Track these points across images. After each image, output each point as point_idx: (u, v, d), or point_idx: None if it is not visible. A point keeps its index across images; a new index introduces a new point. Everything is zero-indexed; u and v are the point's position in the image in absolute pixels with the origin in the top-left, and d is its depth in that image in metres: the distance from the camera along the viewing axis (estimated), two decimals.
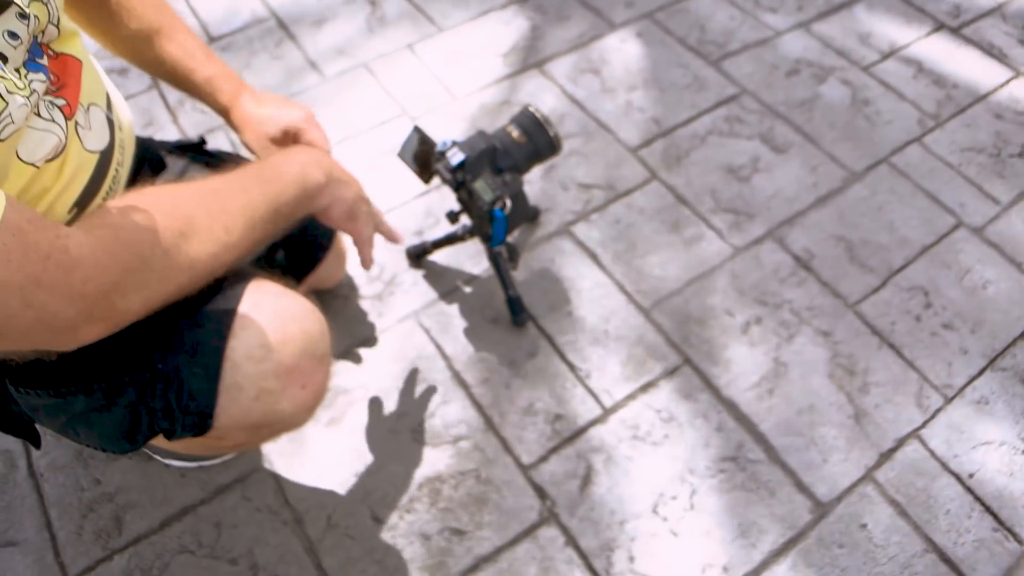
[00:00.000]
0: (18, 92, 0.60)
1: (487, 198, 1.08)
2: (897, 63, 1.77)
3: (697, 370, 1.25)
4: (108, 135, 0.79)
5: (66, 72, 0.72)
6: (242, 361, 0.76)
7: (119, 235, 0.62)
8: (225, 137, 1.60)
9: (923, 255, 1.41)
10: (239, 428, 0.80)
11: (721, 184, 1.50)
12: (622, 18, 1.85)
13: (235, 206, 0.72)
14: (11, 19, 0.61)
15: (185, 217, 0.67)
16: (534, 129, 1.12)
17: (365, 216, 0.91)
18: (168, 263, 0.65)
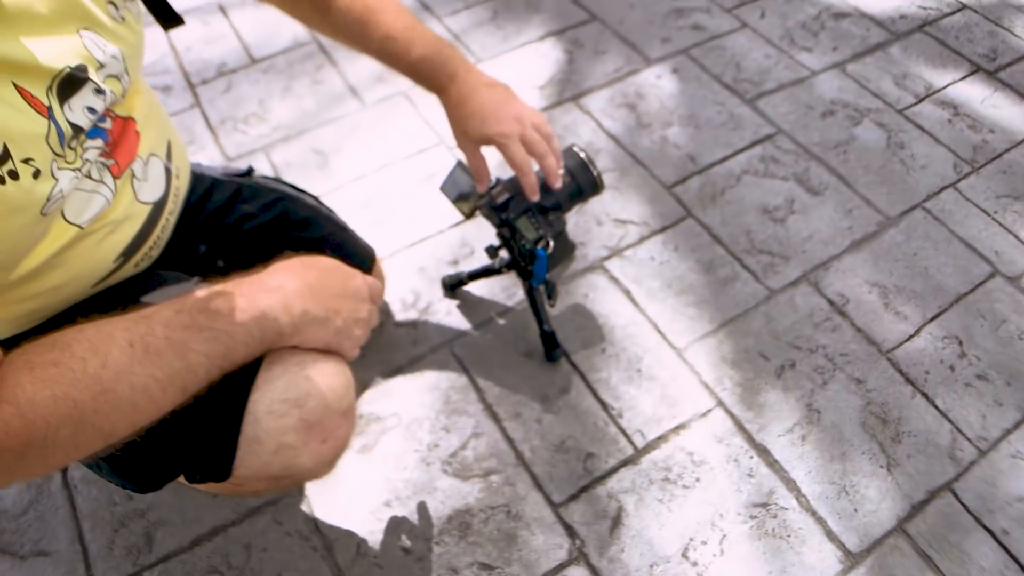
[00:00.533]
0: (68, 167, 0.61)
1: (530, 237, 1.09)
2: (933, 106, 1.77)
3: (730, 413, 1.25)
4: (164, 185, 0.80)
5: (123, 134, 0.73)
6: (263, 415, 0.74)
7: (25, 416, 0.56)
8: (266, 161, 1.62)
9: (958, 303, 1.41)
10: (258, 479, 0.79)
11: (756, 224, 1.51)
12: (658, 54, 1.87)
13: (169, 372, 0.64)
14: (88, 95, 0.62)
15: (107, 390, 0.61)
16: (578, 169, 1.12)
17: (350, 342, 0.82)
18: (80, 439, 0.61)
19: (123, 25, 0.69)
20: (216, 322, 0.68)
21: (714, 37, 1.92)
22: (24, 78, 0.56)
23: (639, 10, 1.99)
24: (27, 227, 0.60)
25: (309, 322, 0.75)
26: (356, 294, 0.81)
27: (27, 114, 0.56)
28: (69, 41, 0.61)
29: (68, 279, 0.74)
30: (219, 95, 1.77)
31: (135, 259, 0.81)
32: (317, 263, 0.80)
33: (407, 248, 1.46)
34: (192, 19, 1.95)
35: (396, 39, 0.96)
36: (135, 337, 0.63)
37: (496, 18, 1.96)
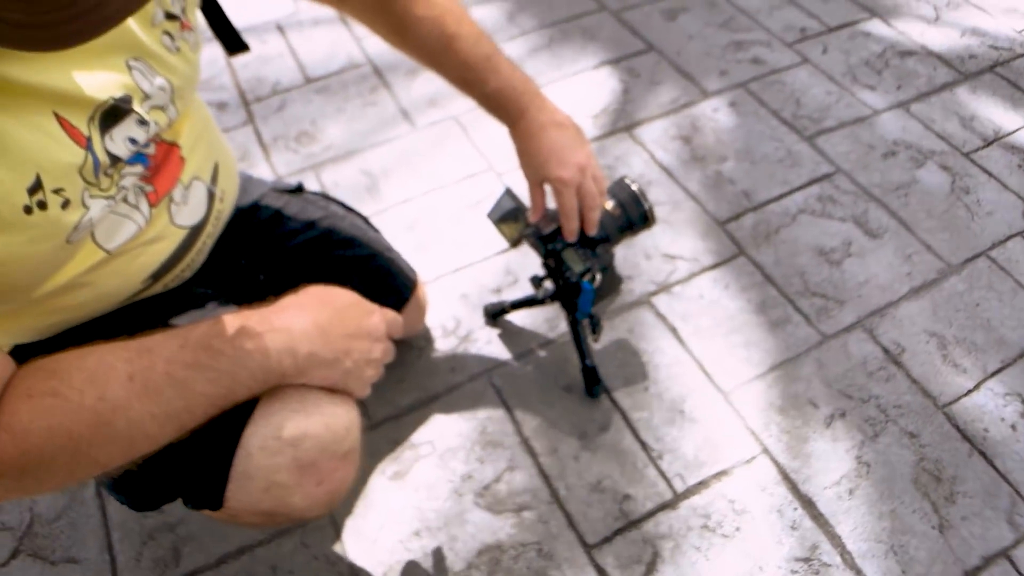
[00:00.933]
0: (101, 195, 0.61)
1: (577, 269, 1.07)
2: (1001, 150, 1.71)
3: (775, 462, 1.20)
4: (205, 209, 0.80)
5: (166, 160, 0.73)
6: (256, 451, 0.72)
7: (20, 444, 0.56)
8: (315, 180, 1.62)
9: (1022, 359, 1.34)
10: (250, 513, 0.77)
11: (811, 266, 1.46)
12: (716, 86, 1.84)
13: (167, 410, 0.63)
14: (131, 126, 0.62)
15: (103, 423, 0.60)
16: (629, 201, 1.10)
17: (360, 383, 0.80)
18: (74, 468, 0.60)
19: (177, 55, 0.69)
20: (219, 362, 0.66)
21: (774, 71, 1.88)
22: (66, 108, 0.56)
23: (697, 41, 1.96)
24: (52, 253, 0.59)
25: (315, 364, 0.73)
26: (371, 333, 0.79)
27: (64, 144, 0.56)
28: (116, 71, 0.61)
29: (94, 297, 0.73)
30: (272, 113, 1.78)
31: (165, 280, 0.81)
32: (332, 300, 0.78)
33: (451, 274, 1.45)
34: (250, 37, 1.98)
35: (472, 68, 0.97)
36: (136, 371, 0.62)
37: (552, 45, 1.95)
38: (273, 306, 0.74)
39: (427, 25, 0.94)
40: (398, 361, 1.32)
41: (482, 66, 0.97)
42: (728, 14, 2.05)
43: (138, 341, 0.64)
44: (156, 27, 0.66)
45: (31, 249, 0.56)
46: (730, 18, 2.04)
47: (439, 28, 0.94)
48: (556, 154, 0.98)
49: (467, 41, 0.96)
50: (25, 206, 0.53)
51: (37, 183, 0.54)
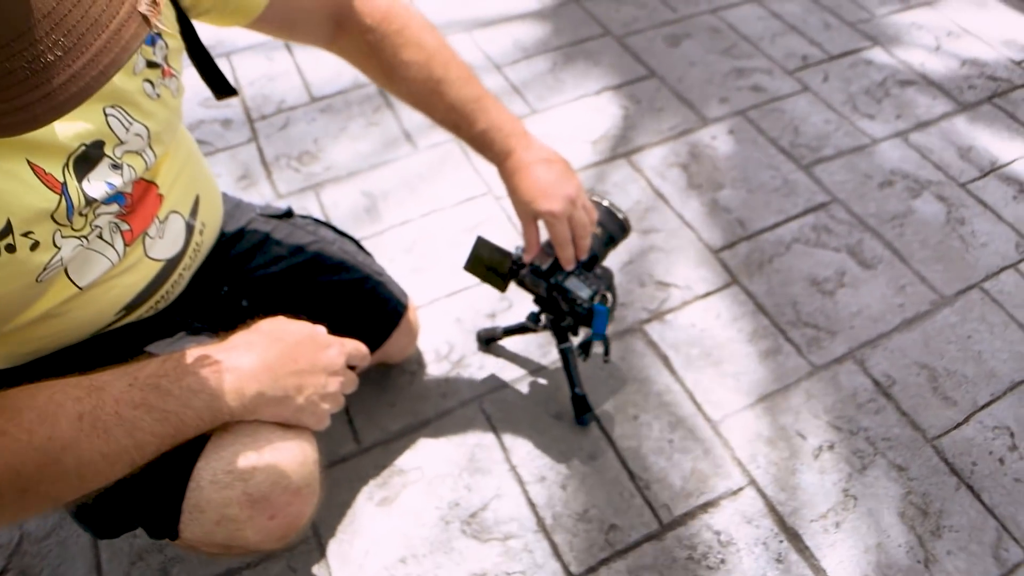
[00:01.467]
0: (74, 235, 0.62)
1: (585, 295, 1.08)
2: (998, 181, 1.72)
3: (762, 493, 1.20)
4: (183, 243, 0.81)
5: (143, 199, 0.74)
6: (206, 485, 0.73)
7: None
8: (315, 200, 1.64)
9: (1012, 392, 1.34)
10: (205, 545, 0.77)
11: (803, 296, 1.47)
12: (715, 114, 1.85)
13: (116, 448, 0.64)
14: (105, 170, 0.63)
15: (52, 462, 0.61)
16: (606, 218, 1.13)
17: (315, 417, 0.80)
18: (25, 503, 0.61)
19: (157, 102, 0.71)
20: (166, 403, 0.67)
21: (774, 99, 1.89)
22: (38, 156, 0.58)
23: (699, 68, 1.98)
24: (21, 292, 0.61)
25: (264, 403, 0.74)
26: (327, 367, 0.80)
27: (37, 190, 0.58)
28: (91, 119, 0.63)
29: (66, 328, 0.75)
30: (276, 131, 1.80)
31: (139, 311, 0.82)
32: (284, 335, 0.78)
33: (445, 297, 1.46)
34: (257, 54, 2.01)
35: (460, 111, 0.99)
36: (85, 410, 0.63)
37: (555, 69, 1.97)
38: (223, 344, 0.75)
39: (415, 69, 0.96)
40: (389, 385, 1.33)
41: (470, 108, 0.98)
42: (730, 41, 2.07)
43: (89, 378, 0.65)
44: (137, 75, 0.68)
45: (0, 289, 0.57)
46: (732, 45, 2.06)
47: (427, 72, 0.96)
48: (545, 189, 1.00)
49: (455, 84, 0.97)
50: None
51: (7, 228, 0.56)
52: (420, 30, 0.98)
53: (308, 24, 0.94)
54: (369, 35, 0.95)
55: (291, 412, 0.76)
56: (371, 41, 0.96)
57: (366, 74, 1.02)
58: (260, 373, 0.73)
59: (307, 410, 0.77)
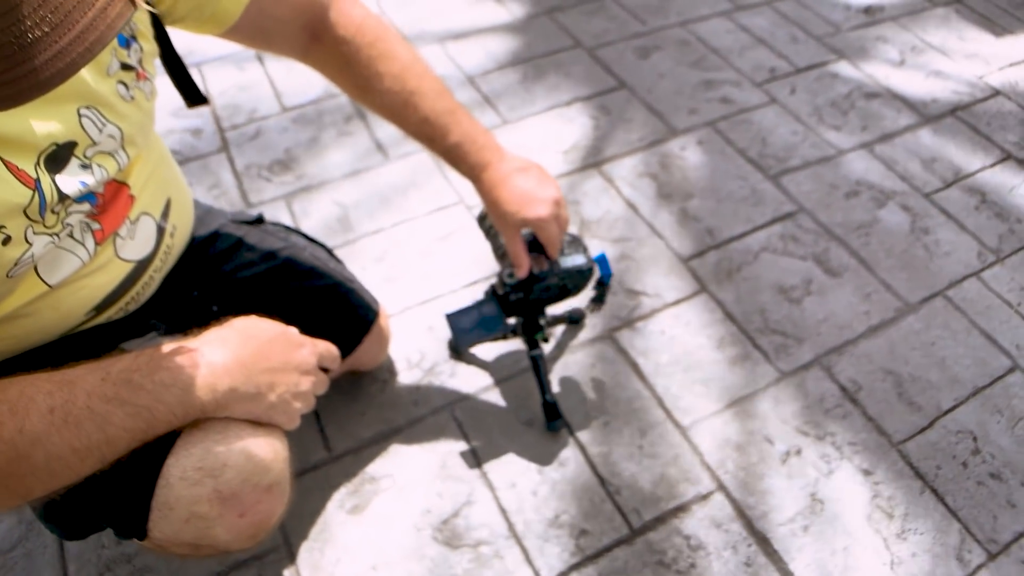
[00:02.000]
0: (45, 232, 0.63)
1: (582, 260, 1.11)
2: (960, 192, 1.75)
3: (731, 498, 1.21)
4: (153, 244, 0.81)
5: (114, 199, 0.74)
6: (175, 481, 0.72)
7: None
8: (286, 209, 1.64)
9: (974, 397, 1.37)
10: (174, 544, 0.77)
11: (771, 304, 1.49)
12: (684, 124, 1.87)
13: (87, 443, 0.64)
14: (75, 170, 0.64)
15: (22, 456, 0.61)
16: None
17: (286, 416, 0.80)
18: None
19: (131, 104, 0.71)
20: (139, 397, 0.67)
21: (742, 111, 1.92)
22: (9, 152, 0.58)
23: (669, 80, 2.00)
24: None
25: (236, 399, 0.74)
26: (299, 366, 0.80)
27: (10, 184, 0.58)
28: (64, 118, 0.63)
29: (35, 328, 0.74)
30: (247, 141, 1.80)
31: (109, 312, 0.82)
32: (258, 333, 0.78)
33: (417, 306, 1.47)
34: (228, 64, 2.00)
35: (433, 123, 0.98)
36: (56, 403, 0.63)
37: (525, 81, 1.99)
38: (196, 339, 0.75)
39: (389, 81, 0.96)
40: (360, 393, 1.33)
41: (443, 121, 0.98)
42: (700, 53, 2.10)
43: (61, 373, 0.65)
44: (111, 77, 0.68)
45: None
46: (701, 57, 2.09)
47: (401, 83, 0.96)
48: (528, 196, 1.00)
49: (428, 97, 0.98)
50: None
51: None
52: (394, 42, 0.98)
53: (282, 34, 0.94)
54: (343, 46, 0.96)
55: (263, 409, 0.76)
56: (345, 52, 0.96)
57: (339, 86, 1.02)
58: (233, 369, 0.73)
59: (279, 408, 0.77)
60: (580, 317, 1.37)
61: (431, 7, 2.23)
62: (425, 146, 1.03)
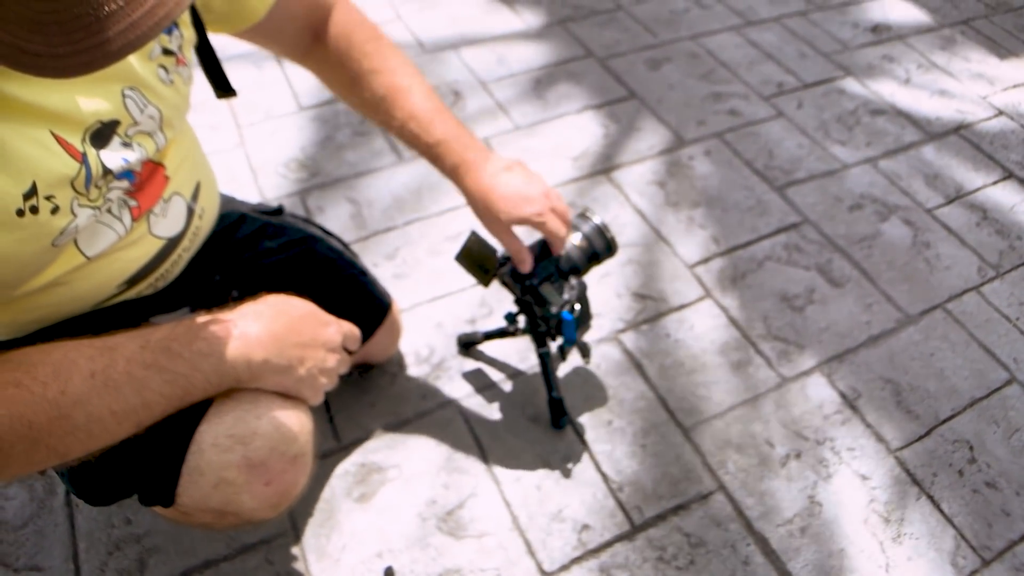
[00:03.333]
0: (89, 205, 0.66)
1: (556, 302, 1.11)
2: (961, 208, 1.78)
3: (731, 498, 1.24)
4: (183, 223, 0.84)
5: (151, 180, 0.78)
6: (207, 447, 0.75)
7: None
8: (301, 205, 1.67)
9: (971, 408, 1.39)
10: (201, 510, 0.79)
11: (774, 311, 1.52)
12: (693, 135, 1.90)
13: (125, 407, 0.67)
14: (117, 148, 0.67)
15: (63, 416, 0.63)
16: (593, 234, 1.15)
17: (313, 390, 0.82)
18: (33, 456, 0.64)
19: (170, 87, 0.74)
20: (176, 365, 0.70)
21: (750, 123, 1.95)
22: (59, 126, 0.61)
23: (678, 91, 2.04)
24: (37, 254, 0.64)
25: (269, 370, 0.76)
26: (326, 343, 0.82)
27: (60, 157, 0.61)
28: (109, 98, 0.66)
29: (70, 298, 0.77)
30: (264, 137, 1.83)
31: (139, 287, 0.85)
32: (290, 309, 0.81)
33: (427, 303, 1.49)
34: (246, 63, 2.04)
35: (419, 119, 1.00)
36: (98, 368, 0.65)
37: (538, 88, 2.02)
38: (232, 312, 0.77)
39: (380, 77, 0.99)
40: (370, 386, 1.35)
41: (429, 117, 1.00)
42: (709, 66, 2.13)
43: (102, 339, 0.68)
44: (153, 60, 0.72)
45: (18, 249, 0.60)
46: (711, 70, 2.12)
47: (391, 79, 0.99)
48: (519, 194, 1.02)
49: (416, 94, 1.00)
50: (18, 209, 0.59)
51: (32, 189, 0.59)
52: (386, 44, 1.01)
53: (292, 33, 0.97)
54: (341, 42, 0.98)
55: (292, 382, 0.79)
56: (342, 48, 0.98)
57: (331, 84, 1.04)
58: (267, 341, 0.76)
59: (306, 382, 0.80)
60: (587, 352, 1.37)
61: (447, 14, 2.27)
62: (410, 144, 1.03)
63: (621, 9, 2.34)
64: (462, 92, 1.99)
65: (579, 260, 1.15)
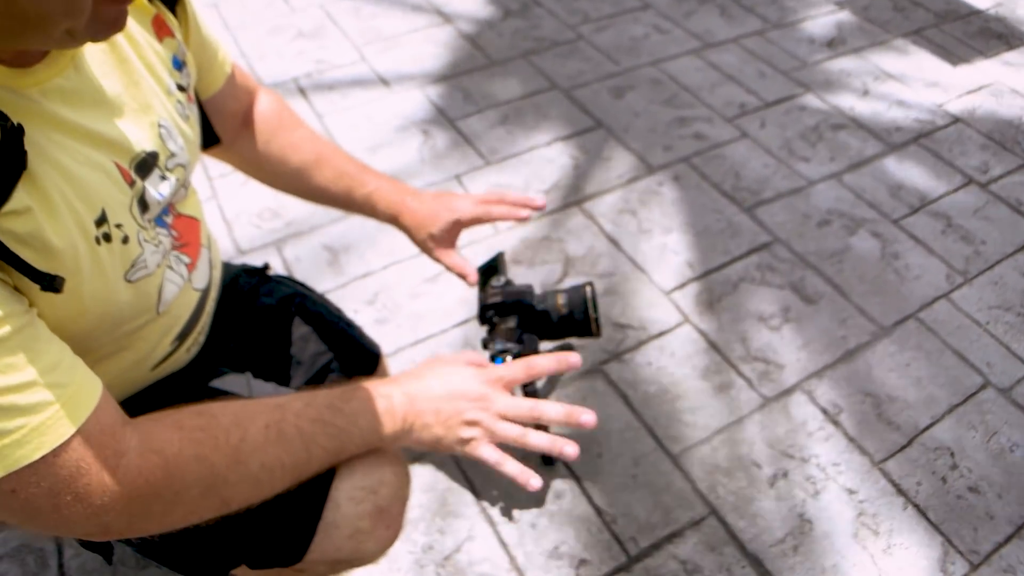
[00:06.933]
0: (150, 242, 0.68)
1: (496, 346, 1.06)
2: (927, 217, 1.83)
3: (723, 522, 1.26)
4: (208, 275, 0.86)
5: (188, 232, 0.80)
6: (344, 501, 0.79)
7: (168, 467, 0.62)
8: (277, 255, 1.68)
9: (949, 414, 1.43)
10: (323, 563, 0.83)
11: (752, 332, 1.54)
12: (660, 161, 1.94)
13: (294, 459, 0.70)
14: (156, 180, 0.70)
15: (240, 462, 0.66)
16: (577, 303, 1.11)
17: (465, 443, 0.80)
18: (201, 503, 0.66)
19: (187, 123, 0.77)
20: (338, 420, 0.74)
21: (715, 146, 1.99)
22: (118, 154, 0.64)
23: (643, 118, 2.07)
24: (113, 289, 0.65)
25: (416, 430, 0.79)
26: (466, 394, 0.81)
27: (120, 185, 0.64)
28: (148, 130, 0.69)
29: (133, 362, 0.78)
30: (236, 188, 1.84)
31: (187, 344, 0.86)
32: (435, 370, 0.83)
33: (410, 346, 1.51)
34: None
35: (351, 175, 1.04)
36: (271, 421, 0.69)
37: (506, 122, 2.05)
38: (385, 379, 0.81)
39: (307, 144, 1.03)
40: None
41: (358, 172, 1.05)
42: (671, 91, 2.18)
43: (269, 398, 0.72)
44: (172, 96, 0.75)
45: (95, 286, 0.61)
46: (673, 95, 2.16)
47: (317, 145, 1.04)
48: (448, 199, 1.06)
49: (341, 156, 1.05)
50: (95, 236, 0.60)
51: (103, 216, 0.61)
52: (299, 119, 1.07)
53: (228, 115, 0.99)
54: (265, 124, 1.03)
55: (434, 439, 0.80)
56: (267, 130, 1.03)
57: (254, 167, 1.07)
58: (408, 406, 0.78)
59: (447, 438, 0.80)
60: None
61: (410, 53, 2.30)
62: (342, 200, 1.06)
63: (582, 39, 2.38)
64: (429, 130, 2.01)
65: (552, 324, 1.12)
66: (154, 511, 0.63)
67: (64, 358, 0.57)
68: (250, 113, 1.02)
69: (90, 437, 0.56)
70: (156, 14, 0.75)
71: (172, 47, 0.77)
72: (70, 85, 0.60)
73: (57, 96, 0.58)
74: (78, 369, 0.58)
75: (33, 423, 0.52)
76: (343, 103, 2.10)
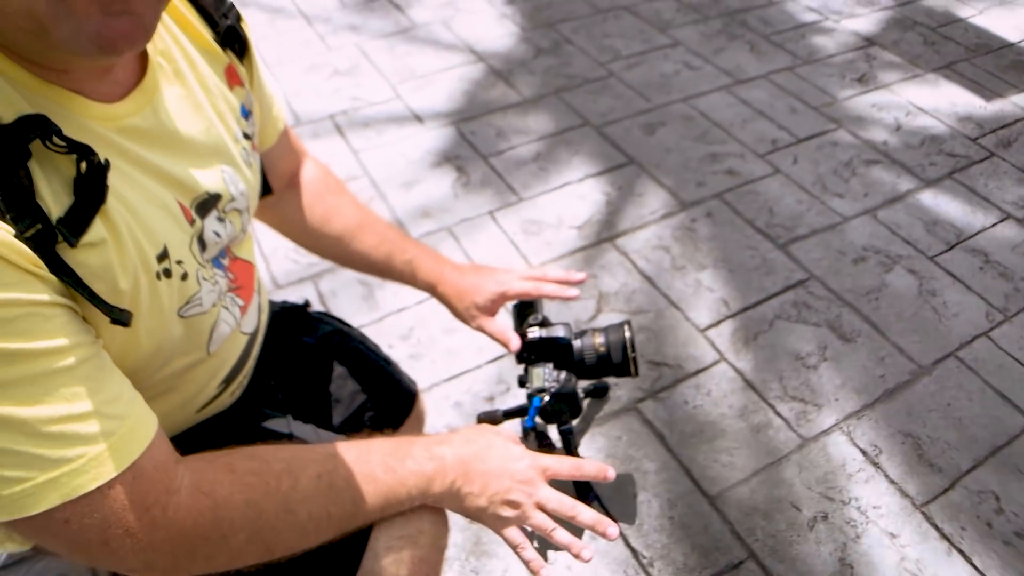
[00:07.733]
0: (207, 280, 0.70)
1: (534, 384, 1.07)
2: (964, 253, 1.81)
3: (762, 566, 1.24)
4: (257, 319, 0.88)
5: (243, 275, 0.82)
6: (382, 551, 0.78)
7: (217, 510, 0.62)
8: (313, 289, 1.69)
9: (993, 456, 1.40)
10: None
11: (788, 371, 1.53)
12: (693, 197, 1.94)
13: (342, 512, 0.70)
14: (213, 221, 0.72)
15: (289, 511, 0.66)
16: (616, 343, 1.09)
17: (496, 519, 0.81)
18: (246, 548, 0.66)
19: (250, 169, 0.79)
20: (389, 479, 0.74)
21: (748, 182, 1.99)
22: (181, 193, 0.66)
23: (675, 154, 2.08)
24: (167, 325, 0.66)
25: (463, 496, 0.79)
26: (514, 475, 0.82)
27: (181, 223, 0.65)
28: (213, 172, 0.71)
29: (179, 404, 0.79)
30: None
31: (232, 387, 0.87)
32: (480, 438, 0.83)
33: (444, 382, 1.51)
34: None
35: (392, 241, 1.06)
36: (324, 471, 0.70)
37: (539, 159, 2.06)
38: (437, 437, 0.81)
39: (350, 207, 1.05)
40: None
41: (399, 240, 1.07)
42: (703, 127, 2.18)
43: (321, 446, 0.72)
44: (238, 143, 0.77)
45: (150, 322, 0.62)
46: (705, 131, 2.17)
47: (360, 211, 1.06)
48: (492, 272, 1.08)
49: (382, 224, 1.07)
50: (156, 272, 0.62)
51: (164, 252, 0.62)
52: (343, 185, 1.09)
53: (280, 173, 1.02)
54: (310, 188, 1.05)
55: (478, 508, 0.81)
56: (312, 193, 1.05)
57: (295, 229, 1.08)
58: (459, 467, 0.79)
59: (487, 511, 0.81)
60: (605, 389, 1.39)
61: (444, 90, 2.33)
62: (382, 266, 1.08)
63: (613, 76, 2.40)
64: (463, 166, 2.03)
65: (590, 363, 1.10)
66: (199, 552, 0.63)
67: (124, 391, 0.58)
68: (297, 175, 1.05)
69: (144, 472, 0.57)
70: (229, 64, 0.78)
71: (241, 96, 0.80)
72: (146, 125, 0.62)
73: (132, 134, 0.61)
74: (137, 403, 0.59)
75: (92, 453, 0.53)
76: (378, 139, 2.13)
